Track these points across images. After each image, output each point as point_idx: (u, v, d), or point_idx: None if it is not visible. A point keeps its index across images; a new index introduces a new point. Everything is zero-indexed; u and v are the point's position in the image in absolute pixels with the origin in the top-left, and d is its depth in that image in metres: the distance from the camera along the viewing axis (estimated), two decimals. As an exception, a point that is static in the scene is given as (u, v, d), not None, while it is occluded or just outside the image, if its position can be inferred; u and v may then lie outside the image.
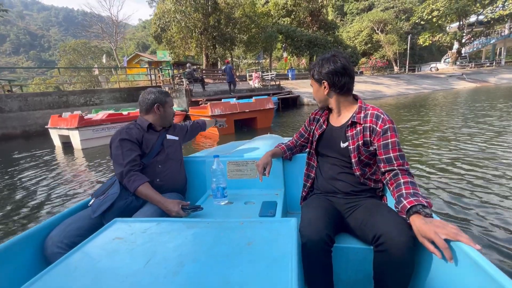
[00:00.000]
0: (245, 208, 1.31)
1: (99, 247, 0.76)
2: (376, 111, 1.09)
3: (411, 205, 0.87)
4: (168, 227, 0.85)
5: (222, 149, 2.11)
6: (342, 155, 1.17)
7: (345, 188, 1.17)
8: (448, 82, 22.00)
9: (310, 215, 1.04)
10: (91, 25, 30.60)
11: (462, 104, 9.94)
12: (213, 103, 6.64)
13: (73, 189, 3.48)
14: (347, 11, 42.93)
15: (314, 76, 1.18)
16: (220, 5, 19.35)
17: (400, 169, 1.02)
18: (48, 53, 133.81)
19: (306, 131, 1.41)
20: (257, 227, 0.80)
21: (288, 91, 15.13)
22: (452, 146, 4.16)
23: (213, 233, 0.79)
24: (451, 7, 26.48)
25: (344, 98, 1.17)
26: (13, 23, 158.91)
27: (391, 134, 1.05)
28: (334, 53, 1.14)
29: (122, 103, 11.45)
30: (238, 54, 35.09)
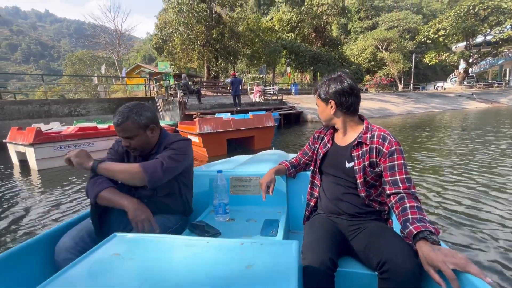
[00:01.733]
0: (247, 226, 1.28)
1: (97, 262, 0.74)
2: (382, 133, 1.08)
3: (417, 231, 0.85)
4: (167, 244, 0.83)
5: (226, 163, 2.00)
6: (347, 175, 1.14)
7: (350, 210, 1.14)
8: (458, 102, 21.16)
9: (313, 237, 1.03)
10: (95, 35, 30.65)
11: (480, 125, 8.95)
12: (202, 118, 5.70)
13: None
14: (351, 29, 43.10)
15: (320, 96, 1.17)
16: (224, 19, 19.07)
17: (406, 192, 1.00)
18: (57, 63, 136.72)
19: (310, 149, 1.39)
20: (257, 249, 0.77)
21: (290, 107, 14.29)
22: (466, 171, 3.84)
23: (212, 253, 0.76)
24: (458, 27, 26.14)
25: (350, 118, 1.15)
26: (25, 33, 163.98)
27: (397, 156, 1.04)
28: (341, 73, 1.14)
29: (110, 114, 10.62)
30: (242, 68, 35.06)
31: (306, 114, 13.88)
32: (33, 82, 34.86)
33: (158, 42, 17.65)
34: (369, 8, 42.33)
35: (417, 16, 39.86)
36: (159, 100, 11.39)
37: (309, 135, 8.96)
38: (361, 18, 42.51)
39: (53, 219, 2.82)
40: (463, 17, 26.23)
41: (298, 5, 20.16)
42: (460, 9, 26.35)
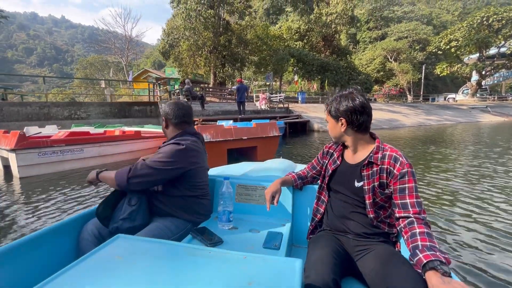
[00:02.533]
0: (250, 236, 1.26)
1: (100, 263, 0.75)
2: (394, 153, 1.06)
3: (427, 260, 0.81)
4: (169, 251, 0.83)
5: (232, 170, 1.95)
6: (355, 194, 1.12)
7: (357, 229, 1.12)
8: (472, 115, 20.40)
9: (317, 255, 1.01)
10: (105, 40, 31.14)
11: (497, 141, 8.32)
12: (201, 126, 5.30)
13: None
14: (359, 39, 42.86)
15: (331, 113, 1.16)
16: (232, 26, 18.97)
17: (416, 217, 0.96)
18: (69, 67, 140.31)
19: (318, 163, 1.38)
20: (260, 264, 0.76)
21: (297, 115, 13.87)
22: (486, 198, 3.37)
23: (214, 264, 0.76)
24: (470, 38, 25.53)
25: (361, 136, 1.13)
26: (41, 38, 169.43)
27: (408, 178, 1.01)
28: (352, 90, 1.12)
29: (111, 118, 10.37)
30: (249, 76, 35.01)
31: (313, 123, 13.42)
32: (46, 85, 35.31)
33: (165, 47, 17.59)
34: (379, 19, 42.14)
35: (427, 27, 39.43)
36: (162, 106, 11.13)
37: (316, 146, 8.48)
38: (370, 28, 42.31)
39: (14, 237, 2.42)
40: (476, 28, 25.64)
41: (307, 13, 19.98)
42: (473, 20, 25.79)
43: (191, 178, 1.35)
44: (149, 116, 11.31)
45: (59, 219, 2.92)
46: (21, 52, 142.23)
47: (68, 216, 1.45)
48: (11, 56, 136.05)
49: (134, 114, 10.92)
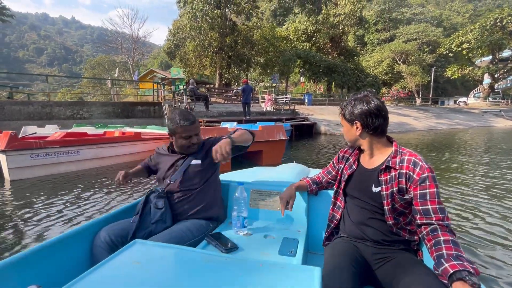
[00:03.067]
0: (264, 242, 1.24)
1: (118, 269, 0.76)
2: (413, 157, 1.02)
3: (454, 270, 0.78)
4: (185, 256, 0.84)
5: (245, 175, 1.93)
6: (373, 200, 1.09)
7: (375, 236, 1.08)
8: (484, 119, 19.73)
9: (335, 263, 0.98)
10: (112, 40, 31.33)
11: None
12: (204, 128, 5.03)
13: None
14: (367, 41, 42.26)
15: (345, 116, 1.13)
16: (238, 27, 18.77)
17: (439, 224, 0.92)
18: (78, 66, 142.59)
19: (334, 168, 1.34)
20: (277, 272, 0.74)
21: (303, 117, 13.52)
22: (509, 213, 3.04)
23: (231, 271, 0.75)
24: (483, 40, 24.79)
25: (378, 140, 1.10)
26: (52, 38, 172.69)
27: (430, 183, 0.96)
28: (367, 93, 1.10)
29: (114, 118, 10.19)
30: (255, 77, 34.82)
31: (320, 126, 13.06)
32: (55, 85, 35.87)
33: (171, 47, 17.46)
34: (387, 20, 41.51)
35: (437, 29, 38.62)
36: (166, 106, 10.92)
37: (323, 150, 8.13)
38: (378, 30, 41.70)
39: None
40: (489, 30, 24.89)
41: (315, 13, 19.66)
42: (486, 22, 25.05)
43: (217, 174, 1.49)
44: (153, 116, 11.11)
45: (49, 225, 2.69)
46: (32, 52, 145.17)
47: (80, 224, 1.44)
48: (22, 55, 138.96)
49: (138, 114, 10.74)
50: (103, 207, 3.21)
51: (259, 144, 5.25)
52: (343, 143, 9.60)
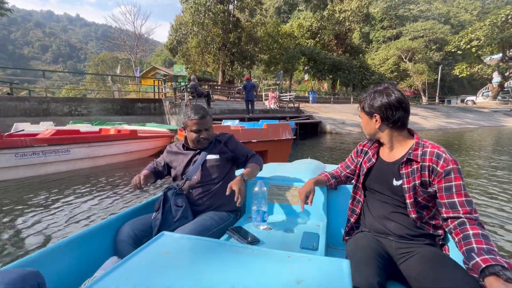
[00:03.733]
0: (285, 236, 1.25)
1: (149, 259, 0.77)
2: (436, 149, 1.00)
3: (486, 264, 0.75)
4: (212, 248, 0.85)
5: (262, 171, 1.73)
6: (394, 193, 1.07)
7: (399, 231, 1.06)
8: (495, 118, 19.14)
9: (359, 257, 0.96)
10: (115, 37, 31.10)
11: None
12: None
13: None
14: (372, 38, 41.52)
15: (364, 109, 1.12)
16: (242, 23, 18.38)
17: (467, 217, 0.90)
18: (83, 64, 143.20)
19: (352, 162, 1.33)
20: (305, 264, 0.74)
21: (308, 116, 13.13)
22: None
23: (259, 262, 0.76)
24: (493, 37, 24.04)
25: (398, 132, 1.08)
26: (56, 35, 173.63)
27: (455, 176, 0.94)
28: (388, 85, 1.09)
29: (113, 115, 9.92)
30: (259, 75, 34.48)
31: (325, 124, 12.65)
32: (60, 81, 36.00)
33: (173, 43, 17.12)
34: (393, 17, 40.73)
35: (444, 26, 37.77)
36: (166, 103, 10.61)
37: (330, 149, 7.76)
38: (384, 27, 40.93)
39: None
40: (500, 26, 24.13)
41: (320, 9, 19.17)
42: (497, 18, 24.27)
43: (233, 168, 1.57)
44: (153, 113, 10.83)
45: (30, 234, 2.37)
46: (37, 49, 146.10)
47: (104, 218, 1.49)
48: (27, 52, 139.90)
49: (137, 111, 10.46)
50: (97, 213, 2.89)
51: (264, 143, 4.89)
52: (350, 142, 9.21)
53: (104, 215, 2.84)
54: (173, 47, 17.29)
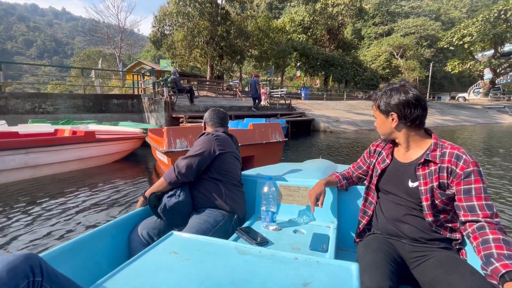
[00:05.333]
0: (294, 237, 1.24)
1: (157, 258, 0.79)
2: (456, 151, 0.97)
3: (506, 270, 0.73)
4: (220, 249, 0.85)
5: (271, 170, 1.85)
6: (409, 195, 1.04)
7: (413, 234, 1.03)
8: (489, 115, 18.89)
9: (370, 260, 0.95)
10: (97, 29, 29.58)
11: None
12: (174, 128, 3.81)
13: None
14: (364, 35, 41.24)
15: (380, 107, 1.08)
16: (232, 16, 17.45)
17: (487, 221, 0.87)
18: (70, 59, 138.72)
19: (365, 163, 1.30)
20: (313, 266, 0.74)
21: (300, 113, 12.38)
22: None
23: (266, 264, 0.76)
24: (486, 33, 23.78)
25: (415, 132, 1.05)
26: (41, 29, 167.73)
27: (475, 178, 0.91)
28: (404, 82, 1.07)
29: (84, 113, 8.91)
30: (250, 71, 33.73)
31: (318, 122, 11.93)
32: (46, 77, 34.64)
33: (156, 35, 16.02)
34: (385, 14, 40.52)
35: (435, 23, 37.78)
36: (145, 99, 9.65)
37: (323, 150, 7.02)
38: (376, 23, 40.72)
39: None
40: (493, 22, 23.88)
41: (312, 1, 18.42)
42: (490, 14, 24.01)
43: (221, 163, 1.45)
44: (131, 111, 9.84)
45: None
46: (20, 44, 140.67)
47: (119, 216, 1.31)
48: (10, 47, 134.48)
49: (113, 108, 9.46)
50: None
51: (249, 148, 4.03)
52: (346, 141, 8.51)
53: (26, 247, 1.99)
54: (156, 40, 16.20)
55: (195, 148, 1.41)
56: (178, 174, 1.34)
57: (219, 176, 1.43)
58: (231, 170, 1.48)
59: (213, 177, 1.43)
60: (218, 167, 1.44)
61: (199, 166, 1.39)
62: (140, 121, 9.82)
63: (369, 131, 11.68)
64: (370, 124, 12.89)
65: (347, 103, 18.06)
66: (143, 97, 9.82)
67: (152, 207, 1.31)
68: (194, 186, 1.43)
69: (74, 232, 2.39)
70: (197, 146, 1.42)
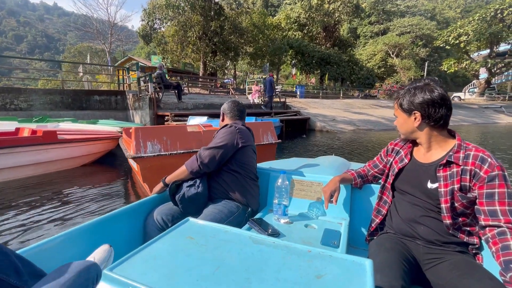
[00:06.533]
0: (306, 231, 1.25)
1: (174, 242, 0.81)
2: (481, 153, 0.94)
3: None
4: (235, 237, 0.86)
5: (284, 164, 1.88)
6: (428, 196, 1.02)
7: (428, 235, 1.01)
8: (486, 115, 18.66)
9: (382, 258, 0.93)
10: (86, 24, 28.60)
11: None
12: (144, 128, 3.23)
13: None
14: (360, 34, 41.11)
15: (403, 106, 1.05)
16: (226, 11, 16.84)
17: (509, 227, 0.85)
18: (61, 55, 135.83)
19: (381, 161, 1.28)
20: (326, 260, 0.74)
21: (295, 111, 11.86)
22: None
23: (279, 254, 0.76)
24: (482, 32, 23.60)
25: (438, 132, 1.02)
26: (32, 25, 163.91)
27: (499, 183, 0.88)
28: (428, 80, 1.03)
29: (63, 110, 8.23)
30: (246, 69, 33.15)
31: (314, 121, 11.43)
32: (37, 74, 33.45)
33: (146, 29, 15.32)
34: (381, 13, 40.42)
35: (431, 22, 37.82)
36: (130, 96, 9.01)
37: (320, 150, 6.51)
38: (371, 22, 40.67)
39: None
40: (489, 21, 23.71)
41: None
42: (486, 13, 23.84)
43: (242, 156, 1.46)
44: (114, 108, 9.18)
45: None
46: (10, 39, 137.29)
47: (136, 201, 1.32)
48: (0, 43, 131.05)
49: (94, 105, 8.79)
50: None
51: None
52: (346, 142, 8.02)
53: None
54: (146, 34, 15.49)
55: (217, 140, 1.41)
56: (201, 164, 1.36)
57: (239, 168, 1.45)
58: (250, 163, 1.49)
59: (232, 169, 1.44)
60: (239, 160, 1.45)
61: (222, 157, 1.40)
62: (125, 119, 9.19)
63: (366, 131, 11.23)
64: (368, 123, 12.45)
65: (343, 102, 17.63)
66: (128, 94, 9.18)
67: (171, 194, 1.33)
68: (213, 177, 1.45)
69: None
70: (220, 138, 1.41)
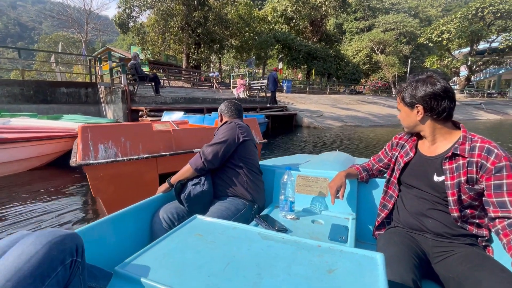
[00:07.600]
0: (313, 227, 1.25)
1: (183, 239, 0.80)
2: (487, 144, 0.93)
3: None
4: (243, 233, 0.85)
5: (289, 161, 1.88)
6: (434, 190, 1.01)
7: (437, 228, 1.00)
8: (467, 111, 19.10)
9: (392, 252, 0.92)
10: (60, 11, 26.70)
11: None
12: (95, 126, 2.58)
13: None
14: (346, 29, 41.19)
15: (405, 99, 1.05)
16: (210, 2, 16.04)
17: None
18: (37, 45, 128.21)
19: (386, 156, 1.27)
20: (337, 254, 0.74)
21: (281, 107, 11.44)
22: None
23: (289, 250, 0.76)
24: (463, 30, 24.12)
25: (442, 125, 1.01)
26: (3, 12, 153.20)
27: (508, 173, 0.87)
28: (431, 73, 1.03)
29: (24, 103, 7.35)
30: (232, 63, 32.37)
31: (302, 117, 11.06)
32: (9, 65, 31.42)
33: (122, 17, 14.28)
34: (366, 9, 40.63)
35: (414, 19, 38.46)
36: (101, 88, 8.21)
37: (307, 147, 6.12)
38: (357, 18, 40.79)
39: None
40: (471, 20, 24.26)
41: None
42: (468, 11, 24.36)
43: (244, 150, 1.48)
44: (85, 102, 8.35)
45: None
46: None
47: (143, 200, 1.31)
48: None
49: (61, 98, 7.93)
50: None
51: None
52: (333, 138, 7.69)
53: None
54: (123, 22, 14.44)
55: (219, 136, 1.42)
56: (205, 161, 1.36)
57: (242, 163, 1.45)
58: (252, 157, 1.50)
59: (236, 165, 1.45)
60: (241, 155, 1.46)
61: (225, 153, 1.41)
62: (97, 114, 8.40)
63: (354, 127, 11.00)
64: (355, 119, 12.24)
65: (330, 97, 17.41)
66: (100, 86, 8.37)
67: (177, 193, 1.33)
68: (217, 175, 1.45)
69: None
70: (221, 134, 1.43)
